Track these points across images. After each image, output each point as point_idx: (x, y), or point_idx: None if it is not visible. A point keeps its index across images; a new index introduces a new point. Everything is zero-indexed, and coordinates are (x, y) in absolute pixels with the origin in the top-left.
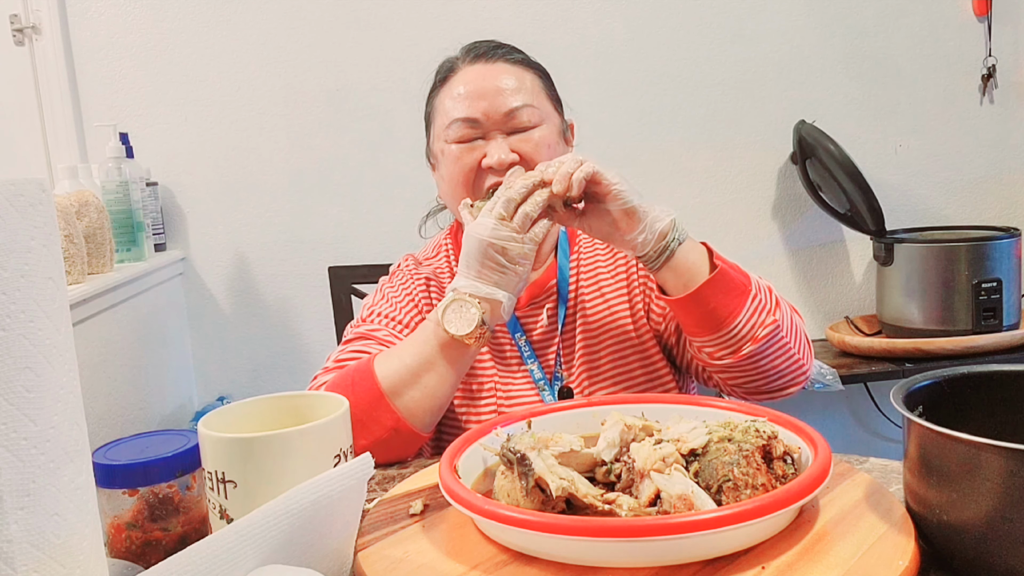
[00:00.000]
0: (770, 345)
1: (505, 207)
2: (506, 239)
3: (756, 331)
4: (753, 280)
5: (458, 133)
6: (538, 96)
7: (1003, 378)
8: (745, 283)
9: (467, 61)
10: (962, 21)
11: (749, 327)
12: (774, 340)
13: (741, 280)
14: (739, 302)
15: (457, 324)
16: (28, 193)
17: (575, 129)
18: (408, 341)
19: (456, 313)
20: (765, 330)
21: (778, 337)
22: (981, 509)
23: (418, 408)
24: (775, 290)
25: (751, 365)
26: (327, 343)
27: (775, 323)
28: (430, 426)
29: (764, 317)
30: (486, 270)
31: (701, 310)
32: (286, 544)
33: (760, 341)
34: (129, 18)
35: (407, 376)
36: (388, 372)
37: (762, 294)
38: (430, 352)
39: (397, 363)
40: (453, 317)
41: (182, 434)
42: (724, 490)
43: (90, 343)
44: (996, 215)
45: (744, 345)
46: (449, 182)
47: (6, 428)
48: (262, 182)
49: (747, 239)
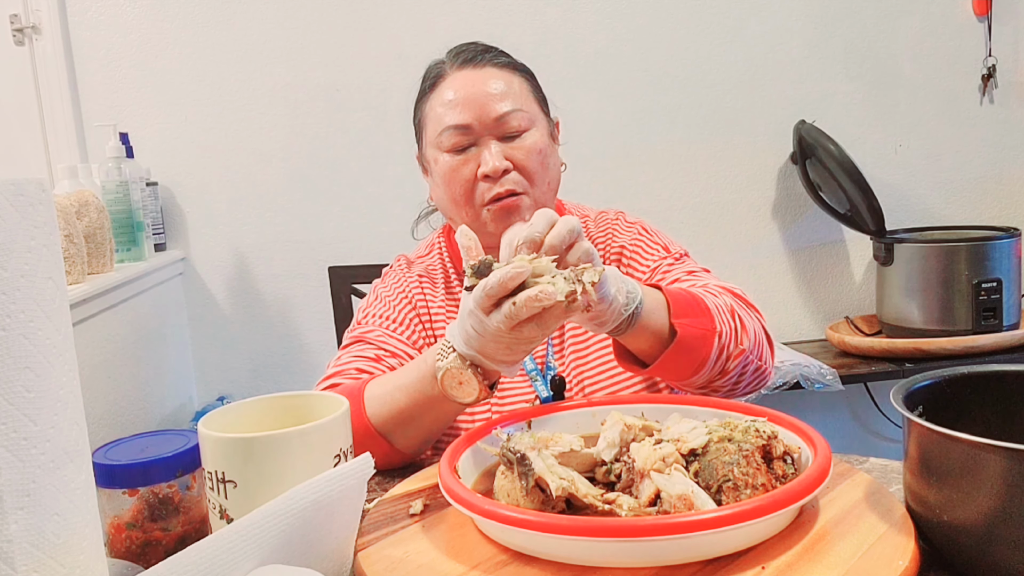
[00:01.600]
0: (738, 371)
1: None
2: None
3: (727, 364)
4: (714, 311)
5: (451, 140)
6: (527, 99)
7: (1003, 378)
8: (708, 327)
9: (455, 66)
10: (962, 21)
11: (719, 368)
12: (742, 366)
13: (703, 327)
14: (705, 352)
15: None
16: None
17: (560, 126)
18: (403, 382)
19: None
20: (733, 362)
21: (746, 362)
22: (981, 509)
23: (411, 443)
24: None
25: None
26: (327, 343)
27: (742, 352)
28: (422, 452)
29: (733, 350)
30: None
31: (667, 372)
32: (286, 544)
33: (729, 374)
34: (129, 18)
35: (399, 417)
36: (380, 412)
37: (727, 326)
38: (424, 401)
39: (390, 405)
40: (452, 385)
41: (182, 434)
42: (724, 490)
43: (90, 343)
44: (996, 215)
45: (714, 381)
46: (447, 193)
47: (6, 428)
48: (262, 182)
49: (747, 239)
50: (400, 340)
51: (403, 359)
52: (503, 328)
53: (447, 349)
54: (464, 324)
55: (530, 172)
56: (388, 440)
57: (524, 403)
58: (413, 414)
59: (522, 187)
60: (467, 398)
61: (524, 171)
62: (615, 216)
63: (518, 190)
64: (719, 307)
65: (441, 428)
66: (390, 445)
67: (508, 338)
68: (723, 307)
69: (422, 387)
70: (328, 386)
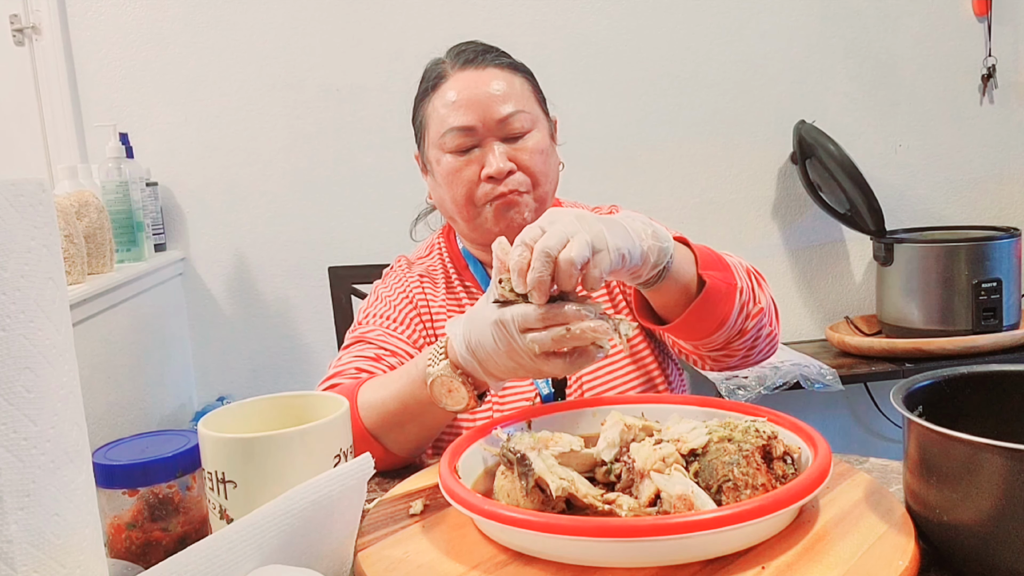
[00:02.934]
0: (755, 332)
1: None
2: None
3: (746, 323)
4: (733, 269)
5: (454, 142)
6: (528, 100)
7: (1003, 378)
8: (731, 282)
9: (457, 67)
10: (962, 21)
11: (739, 327)
12: (758, 327)
13: (727, 281)
14: (727, 308)
15: (449, 402)
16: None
17: (558, 125)
18: (396, 384)
19: (444, 387)
20: (751, 321)
21: (762, 323)
22: (981, 509)
23: (404, 447)
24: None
25: (736, 349)
26: (327, 343)
27: (760, 311)
28: (420, 453)
29: (752, 309)
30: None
31: (690, 328)
32: (286, 544)
33: (747, 334)
34: (129, 18)
35: (389, 420)
36: (371, 414)
37: (746, 283)
38: (414, 406)
39: (380, 409)
40: (442, 393)
41: (182, 434)
42: (724, 490)
43: (90, 343)
44: (996, 215)
45: (732, 341)
46: (449, 193)
47: (6, 428)
48: (262, 182)
49: (747, 239)
50: (401, 339)
51: (404, 358)
52: (535, 351)
53: (438, 355)
54: (476, 331)
55: (533, 173)
56: (381, 443)
57: (525, 402)
58: (403, 419)
59: (525, 187)
60: (456, 406)
61: (527, 172)
62: (609, 210)
63: (521, 190)
64: (737, 265)
65: (433, 433)
66: (384, 448)
67: (527, 362)
68: (740, 265)
69: (412, 391)
70: (328, 387)
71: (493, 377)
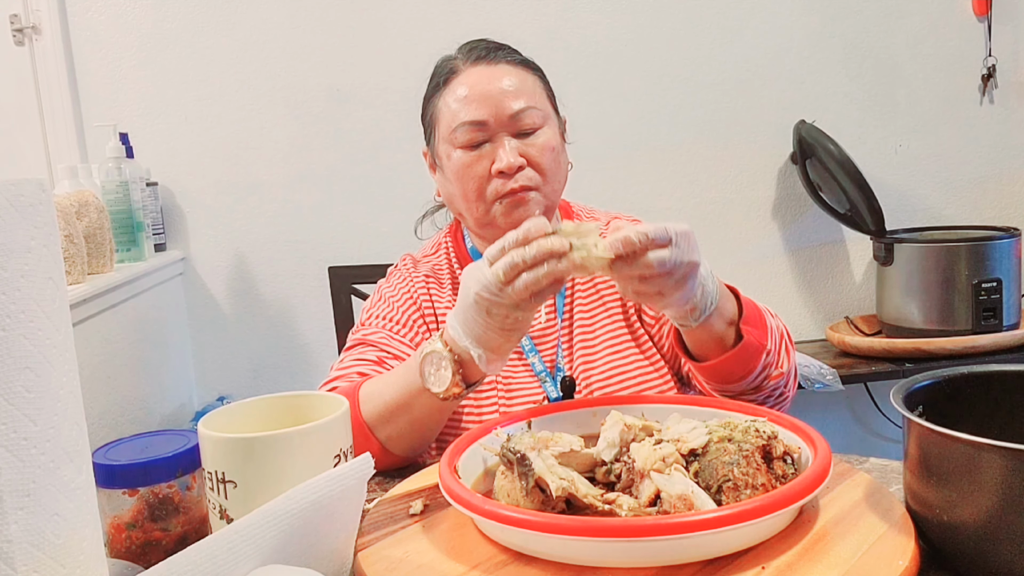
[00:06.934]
0: (769, 392)
1: (506, 268)
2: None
3: (764, 382)
4: (769, 329)
5: (465, 137)
6: (539, 97)
7: (1003, 378)
8: (763, 342)
9: (468, 63)
10: (962, 21)
11: (756, 383)
12: (773, 388)
13: (759, 340)
14: (754, 363)
15: (433, 380)
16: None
17: (567, 125)
18: (394, 375)
19: (434, 366)
20: (770, 382)
21: (779, 385)
22: (981, 509)
23: (400, 441)
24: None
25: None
26: (327, 343)
27: (780, 376)
28: (417, 453)
29: (773, 372)
30: (470, 322)
31: (714, 372)
32: (286, 544)
33: (762, 391)
34: (129, 18)
35: (386, 413)
36: (370, 406)
37: (775, 346)
38: (409, 396)
39: (378, 399)
40: (431, 371)
41: (182, 434)
42: (724, 490)
43: (90, 343)
44: (996, 215)
45: (746, 393)
46: (459, 189)
47: (6, 428)
48: (262, 182)
49: (747, 239)
50: (402, 342)
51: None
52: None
53: (437, 336)
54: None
55: (543, 169)
56: (379, 437)
57: (533, 404)
58: (399, 409)
59: (535, 183)
60: (439, 387)
61: (538, 168)
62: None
63: (531, 186)
64: (773, 327)
65: (427, 429)
66: (381, 446)
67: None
68: (776, 328)
69: (408, 379)
70: (330, 389)
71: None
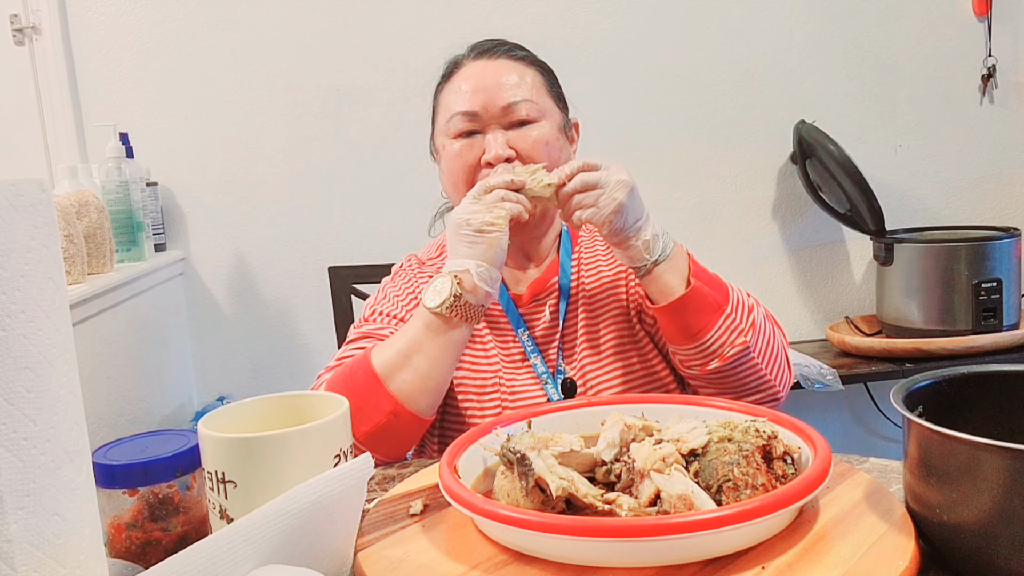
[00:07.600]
0: (737, 364)
1: (478, 191)
2: (471, 211)
3: (724, 349)
4: (732, 297)
5: (458, 127)
6: (538, 92)
7: (1003, 378)
8: (720, 302)
9: (471, 57)
10: (962, 21)
11: (718, 344)
12: (742, 360)
13: (715, 298)
14: (711, 319)
15: (430, 296)
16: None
17: (579, 128)
18: (402, 328)
19: (432, 287)
20: (733, 349)
21: (747, 357)
22: (981, 509)
23: (412, 390)
24: (760, 306)
25: (718, 379)
26: (327, 343)
27: (744, 344)
28: (429, 409)
29: (734, 337)
30: (459, 245)
31: (675, 322)
32: (286, 544)
33: (727, 360)
34: (129, 18)
35: (398, 359)
36: (382, 359)
37: (736, 313)
38: (416, 333)
39: (390, 349)
40: (429, 292)
41: (182, 434)
42: (724, 490)
43: (90, 343)
44: (996, 215)
45: (711, 360)
46: (450, 178)
47: (6, 428)
48: (262, 182)
49: (747, 239)
50: None
51: None
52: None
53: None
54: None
55: (533, 161)
56: (391, 390)
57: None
58: (410, 351)
59: None
60: (435, 299)
61: (527, 160)
62: None
63: None
64: (740, 298)
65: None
66: (395, 399)
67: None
68: (743, 301)
69: (415, 323)
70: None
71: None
